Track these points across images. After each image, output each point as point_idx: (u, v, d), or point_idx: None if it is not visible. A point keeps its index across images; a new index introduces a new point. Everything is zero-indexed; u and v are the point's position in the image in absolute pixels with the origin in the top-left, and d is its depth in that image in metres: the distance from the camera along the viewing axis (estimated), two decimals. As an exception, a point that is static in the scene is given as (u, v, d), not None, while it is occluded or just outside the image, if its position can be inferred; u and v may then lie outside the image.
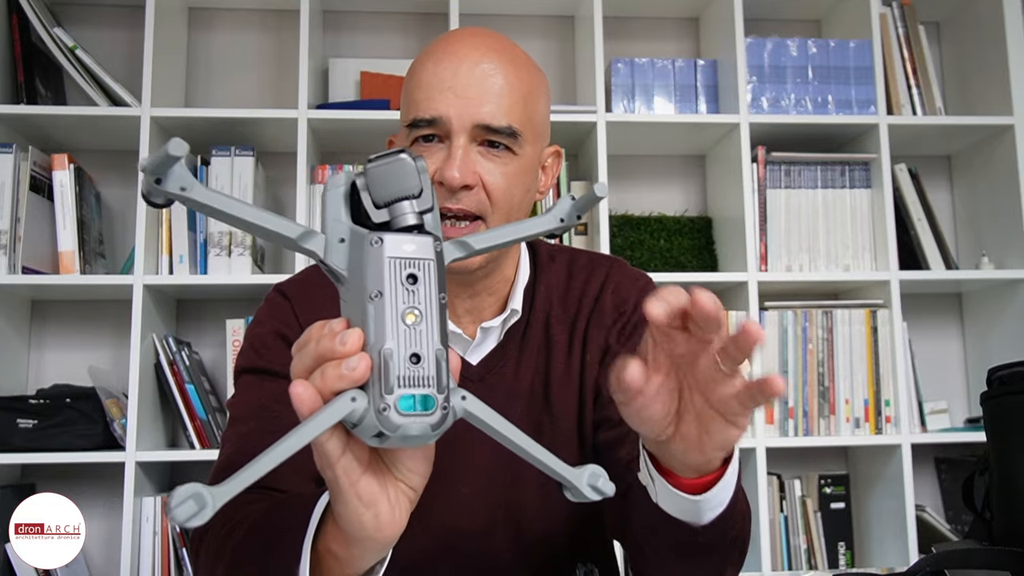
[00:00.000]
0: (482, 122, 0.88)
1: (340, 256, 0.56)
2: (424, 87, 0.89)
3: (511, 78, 0.90)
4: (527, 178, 0.93)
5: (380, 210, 0.55)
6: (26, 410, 1.90)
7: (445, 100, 0.88)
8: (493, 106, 0.88)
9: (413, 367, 0.52)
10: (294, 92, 2.06)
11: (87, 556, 2.06)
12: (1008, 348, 2.20)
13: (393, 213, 0.55)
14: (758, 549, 2.00)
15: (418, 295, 0.53)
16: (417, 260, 0.54)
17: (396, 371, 0.52)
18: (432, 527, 0.94)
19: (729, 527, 0.73)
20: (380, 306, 0.52)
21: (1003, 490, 0.86)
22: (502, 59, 0.90)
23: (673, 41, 2.44)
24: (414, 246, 0.54)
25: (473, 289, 0.96)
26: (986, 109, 2.26)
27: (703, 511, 0.69)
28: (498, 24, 2.36)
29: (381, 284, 0.53)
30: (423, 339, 0.53)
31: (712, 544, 0.73)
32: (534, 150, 0.93)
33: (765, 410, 2.06)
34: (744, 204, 2.09)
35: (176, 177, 0.50)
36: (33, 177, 1.96)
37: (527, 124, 0.91)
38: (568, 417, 0.97)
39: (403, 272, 0.53)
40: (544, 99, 0.96)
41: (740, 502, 0.74)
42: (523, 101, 0.90)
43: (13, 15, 2.07)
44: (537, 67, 0.96)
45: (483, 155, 0.89)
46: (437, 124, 0.88)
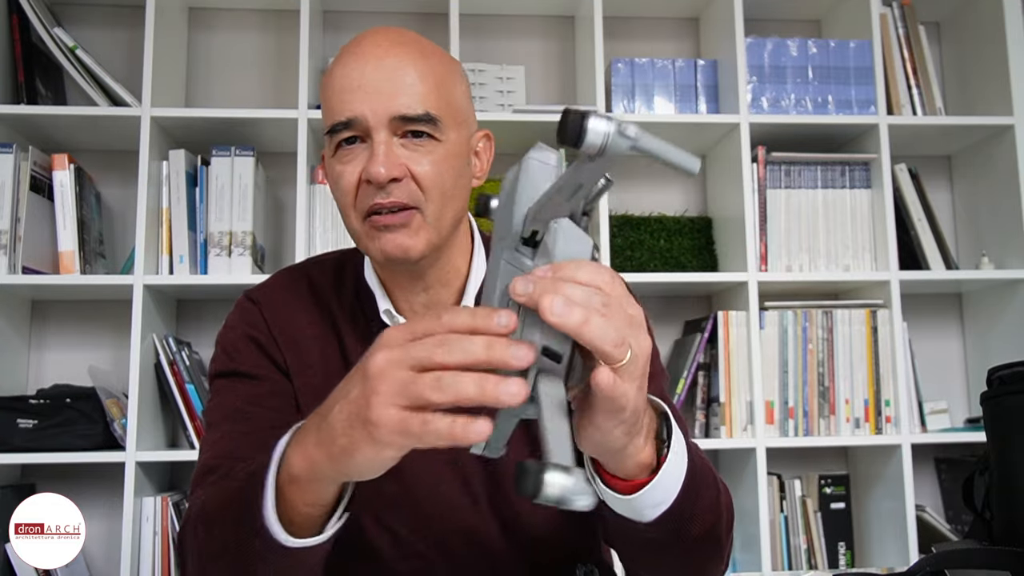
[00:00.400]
0: (398, 113, 0.87)
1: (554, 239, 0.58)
2: (336, 91, 0.89)
3: (420, 67, 0.89)
4: (456, 163, 0.92)
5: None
6: (26, 410, 1.91)
7: (357, 99, 0.87)
8: (406, 96, 0.88)
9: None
10: (294, 92, 2.06)
11: (87, 556, 2.06)
12: (1008, 348, 2.20)
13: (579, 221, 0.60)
14: (758, 549, 2.00)
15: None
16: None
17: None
18: (422, 528, 0.94)
19: (684, 525, 0.74)
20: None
21: (1003, 490, 0.86)
22: (409, 51, 0.90)
23: (673, 41, 2.44)
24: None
25: (425, 282, 0.96)
26: (986, 109, 2.26)
27: (641, 509, 0.71)
28: (498, 24, 2.37)
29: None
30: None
31: (665, 541, 0.75)
32: (459, 135, 0.93)
33: (765, 410, 2.06)
34: (744, 204, 2.09)
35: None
36: (33, 177, 1.96)
37: (445, 109, 0.90)
38: None
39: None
40: (461, 84, 0.96)
41: (699, 503, 0.75)
42: (436, 87, 0.90)
43: (13, 15, 2.07)
44: (448, 55, 0.96)
45: (406, 146, 0.89)
46: (354, 124, 0.88)
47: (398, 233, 0.89)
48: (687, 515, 0.74)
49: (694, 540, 0.77)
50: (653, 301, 2.31)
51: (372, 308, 0.98)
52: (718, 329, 2.08)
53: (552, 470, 0.52)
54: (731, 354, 2.07)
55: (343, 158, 0.90)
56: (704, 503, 0.77)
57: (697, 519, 0.76)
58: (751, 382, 2.04)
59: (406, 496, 0.93)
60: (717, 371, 2.08)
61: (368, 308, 0.98)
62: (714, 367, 2.11)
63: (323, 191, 2.08)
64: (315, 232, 2.05)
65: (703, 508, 0.76)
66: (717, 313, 2.09)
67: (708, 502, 0.78)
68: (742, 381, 2.06)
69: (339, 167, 0.90)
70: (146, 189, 1.98)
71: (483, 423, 0.54)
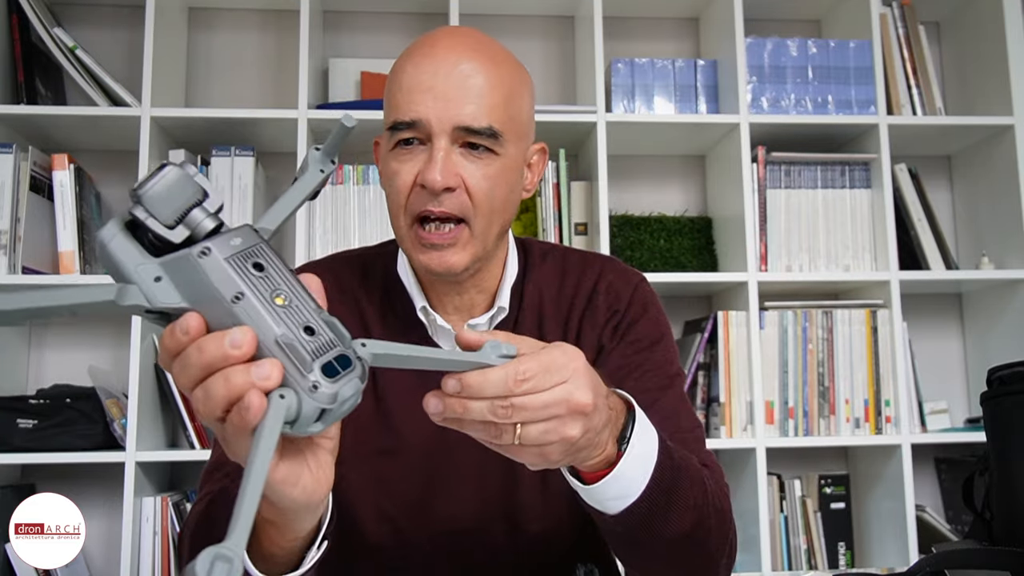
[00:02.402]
0: (462, 124, 0.87)
1: (168, 292, 0.52)
2: (404, 90, 0.89)
3: (491, 78, 0.89)
4: (510, 177, 0.93)
5: (175, 229, 0.53)
6: (26, 410, 1.90)
7: (425, 103, 0.88)
8: (473, 107, 0.88)
9: (312, 338, 0.52)
10: (294, 92, 2.06)
11: (87, 556, 2.06)
12: (1008, 348, 2.20)
13: (190, 225, 0.53)
14: (758, 549, 2.00)
15: (272, 278, 0.53)
16: (250, 248, 0.53)
17: (303, 347, 0.51)
18: (430, 527, 0.94)
19: (657, 522, 0.74)
20: (248, 303, 0.51)
21: (1003, 490, 0.86)
22: (482, 59, 0.90)
23: (673, 41, 2.44)
24: (239, 239, 0.53)
25: (462, 287, 0.97)
26: (986, 109, 2.26)
27: (604, 500, 0.72)
28: (498, 24, 2.36)
29: (236, 285, 0.51)
30: (304, 312, 0.52)
31: (636, 537, 0.75)
32: (517, 149, 0.93)
33: (765, 410, 2.06)
34: (744, 204, 2.09)
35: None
36: (33, 177, 1.96)
37: (508, 124, 0.90)
38: None
39: (247, 264, 0.52)
40: (527, 97, 0.96)
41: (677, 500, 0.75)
42: (504, 101, 0.90)
43: (13, 15, 2.07)
44: (519, 64, 0.96)
45: (464, 156, 0.89)
46: (417, 127, 0.88)
47: (445, 252, 0.89)
48: (659, 511, 0.73)
49: (671, 539, 0.76)
50: (653, 301, 2.30)
51: (404, 305, 0.98)
52: (718, 329, 2.08)
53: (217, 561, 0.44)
54: (731, 354, 2.07)
55: (400, 156, 0.90)
56: (682, 502, 0.76)
57: (674, 518, 0.75)
58: (751, 382, 2.04)
59: (414, 492, 0.94)
60: (717, 371, 2.08)
61: (400, 305, 0.98)
62: (714, 367, 2.11)
63: (324, 191, 2.07)
64: (315, 232, 2.05)
65: (681, 507, 0.76)
66: (717, 313, 2.09)
67: (689, 501, 0.77)
68: (742, 381, 2.06)
69: (395, 165, 0.91)
70: (146, 189, 1.97)
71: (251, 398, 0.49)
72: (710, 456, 0.92)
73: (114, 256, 0.53)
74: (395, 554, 0.95)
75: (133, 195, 0.53)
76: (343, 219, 2.08)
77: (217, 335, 0.51)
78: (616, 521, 0.73)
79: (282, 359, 0.51)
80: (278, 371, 0.50)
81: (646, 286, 1.04)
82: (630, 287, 1.02)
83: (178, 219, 0.53)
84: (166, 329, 0.53)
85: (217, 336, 0.51)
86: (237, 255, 0.52)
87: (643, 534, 0.75)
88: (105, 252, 0.53)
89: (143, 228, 0.53)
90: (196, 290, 0.52)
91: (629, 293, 1.01)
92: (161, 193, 0.52)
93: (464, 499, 0.94)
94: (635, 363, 0.96)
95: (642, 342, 0.98)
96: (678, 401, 0.95)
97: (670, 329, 1.03)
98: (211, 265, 0.51)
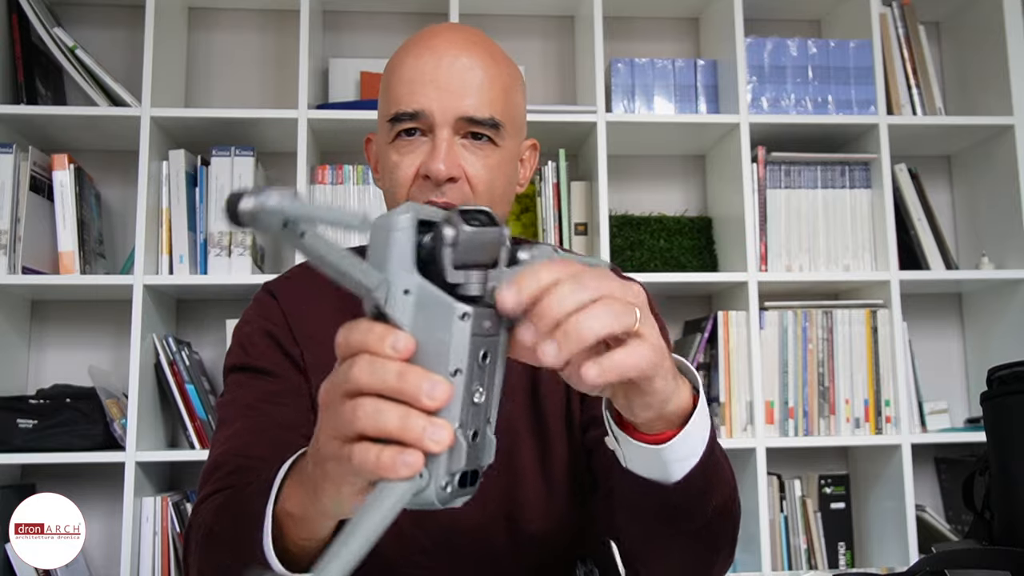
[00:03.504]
0: (465, 114, 0.89)
1: (404, 310, 0.51)
2: (405, 82, 0.90)
3: (491, 71, 0.91)
4: (508, 169, 0.94)
5: (457, 271, 0.51)
6: (26, 410, 1.90)
7: (427, 94, 0.89)
8: (475, 99, 0.89)
9: (472, 445, 0.51)
10: (294, 92, 2.06)
11: (87, 556, 2.06)
12: (1008, 348, 2.20)
13: (467, 279, 0.52)
14: (758, 549, 2.00)
15: (486, 372, 0.51)
16: (491, 337, 0.51)
17: (463, 451, 0.50)
18: (430, 527, 0.94)
19: (706, 491, 0.71)
20: (458, 384, 0.50)
21: (1003, 490, 0.86)
22: (481, 53, 0.92)
23: (673, 41, 2.44)
24: (490, 322, 0.51)
25: None
26: (986, 109, 2.26)
27: (669, 464, 0.67)
28: (498, 24, 2.37)
29: (463, 361, 0.50)
30: (481, 416, 0.52)
31: (690, 508, 0.71)
32: (514, 143, 0.95)
33: (765, 410, 2.06)
34: (744, 204, 2.09)
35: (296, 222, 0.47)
36: (33, 177, 1.96)
37: (507, 116, 0.92)
38: (556, 416, 0.97)
39: (480, 350, 0.51)
40: (521, 93, 0.98)
41: (720, 471, 0.73)
42: (503, 94, 0.92)
43: (13, 15, 2.07)
44: (512, 62, 0.98)
45: (466, 147, 0.90)
46: (420, 117, 0.89)
47: None
48: (711, 478, 0.70)
49: (713, 511, 0.74)
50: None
51: None
52: (718, 329, 2.08)
53: None
54: (731, 354, 2.07)
55: (401, 148, 0.91)
56: (724, 472, 0.74)
57: (716, 488, 0.73)
58: (751, 382, 2.04)
59: None
60: (717, 371, 2.08)
61: None
62: (714, 367, 2.11)
63: (323, 191, 2.08)
64: (315, 232, 2.05)
65: (723, 478, 0.74)
66: (717, 313, 2.09)
67: (726, 473, 0.75)
68: (742, 381, 2.06)
69: (396, 157, 0.91)
70: (146, 189, 1.98)
71: (413, 455, 0.48)
72: None
73: (390, 243, 0.51)
74: (396, 554, 0.95)
75: (454, 219, 0.51)
76: (343, 219, 2.07)
77: (425, 373, 0.49)
78: (675, 491, 0.68)
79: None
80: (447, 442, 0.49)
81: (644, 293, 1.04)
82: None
83: (463, 265, 0.51)
84: (372, 324, 0.51)
85: (424, 375, 0.49)
86: (479, 337, 0.50)
87: (696, 504, 0.71)
88: (381, 234, 0.51)
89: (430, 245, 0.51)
90: (428, 333, 0.50)
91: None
92: (477, 239, 0.52)
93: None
94: None
95: None
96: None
97: (667, 334, 1.03)
98: (459, 331, 0.50)
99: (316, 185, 2.07)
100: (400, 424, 0.48)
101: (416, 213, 0.51)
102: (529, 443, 0.96)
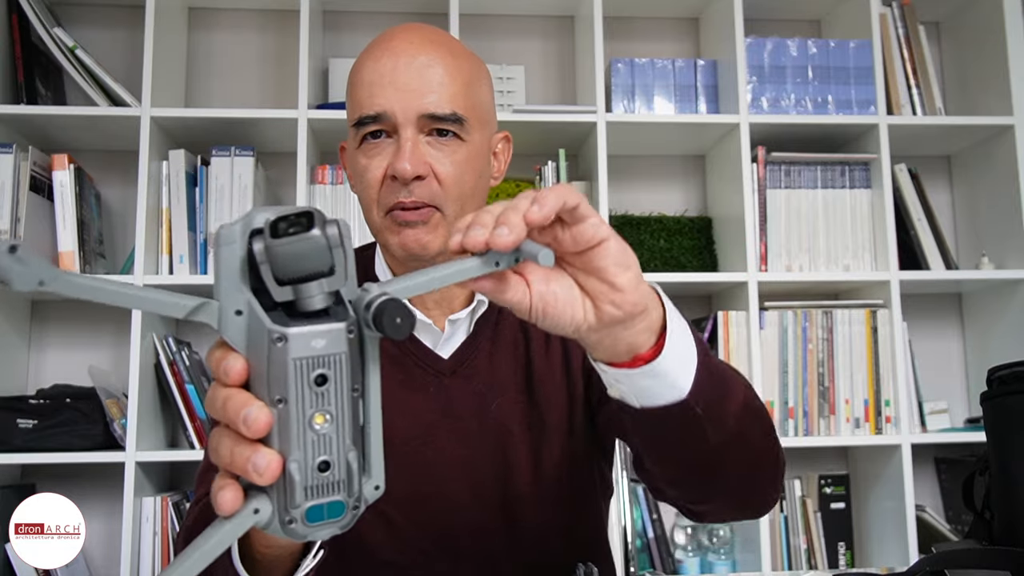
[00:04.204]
0: (427, 111, 0.89)
1: (237, 331, 0.48)
2: (366, 85, 0.91)
3: (450, 67, 0.91)
4: (478, 164, 0.94)
5: (283, 287, 0.47)
6: (26, 410, 1.90)
7: (387, 95, 0.89)
8: (436, 95, 0.89)
9: (321, 476, 0.47)
10: (294, 92, 2.06)
11: (87, 556, 2.06)
12: (1008, 348, 2.20)
13: (300, 293, 0.47)
14: (758, 549, 2.00)
15: (328, 396, 0.47)
16: (327, 356, 0.46)
17: (303, 483, 0.47)
18: (427, 527, 0.94)
19: (723, 391, 0.69)
20: (285, 413, 0.46)
21: (1003, 490, 0.86)
22: (439, 50, 0.92)
23: (673, 41, 2.44)
24: (324, 341, 0.46)
25: None
26: (986, 109, 2.26)
27: (672, 376, 0.65)
28: (498, 24, 2.37)
29: (285, 390, 0.46)
30: (333, 444, 0.47)
31: (715, 415, 0.68)
32: (482, 136, 0.95)
33: (765, 410, 2.06)
34: (744, 204, 2.09)
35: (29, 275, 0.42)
36: (33, 177, 1.96)
37: (471, 110, 0.92)
38: (557, 409, 0.97)
39: (311, 374, 0.46)
40: (486, 86, 0.98)
41: (725, 369, 0.71)
42: (465, 88, 0.92)
43: (13, 15, 2.07)
44: (475, 56, 0.98)
45: (431, 145, 0.90)
46: (382, 119, 0.90)
47: (418, 230, 0.90)
48: (720, 376, 0.69)
49: (739, 410, 0.71)
50: (653, 301, 2.30)
51: None
52: (718, 329, 2.08)
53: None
54: (731, 354, 2.07)
55: (368, 152, 0.91)
56: (729, 370, 0.73)
57: (732, 386, 0.71)
58: (751, 382, 2.04)
59: (413, 493, 0.93)
60: (717, 371, 2.08)
61: None
62: (714, 367, 2.10)
63: (323, 191, 2.08)
64: (315, 232, 2.05)
65: (731, 374, 0.72)
66: (717, 313, 2.09)
67: (732, 371, 0.74)
68: (742, 381, 2.05)
69: (364, 160, 0.92)
70: (146, 189, 1.98)
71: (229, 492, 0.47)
72: None
73: (219, 261, 0.48)
74: (394, 556, 0.95)
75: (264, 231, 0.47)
76: (343, 219, 2.07)
77: (247, 400, 0.47)
78: (694, 398, 0.66)
79: (278, 481, 0.47)
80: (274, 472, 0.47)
81: None
82: None
83: (291, 280, 0.47)
84: (214, 350, 0.49)
85: (245, 402, 0.47)
86: (309, 359, 0.46)
87: (718, 408, 0.69)
88: (216, 252, 0.49)
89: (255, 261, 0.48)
90: (256, 355, 0.47)
91: None
92: (289, 252, 0.47)
93: (457, 492, 0.94)
94: None
95: None
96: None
97: None
98: (277, 355, 0.46)
99: (316, 185, 2.07)
100: (229, 456, 0.48)
101: (247, 222, 0.48)
102: (524, 439, 0.96)
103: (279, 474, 0.46)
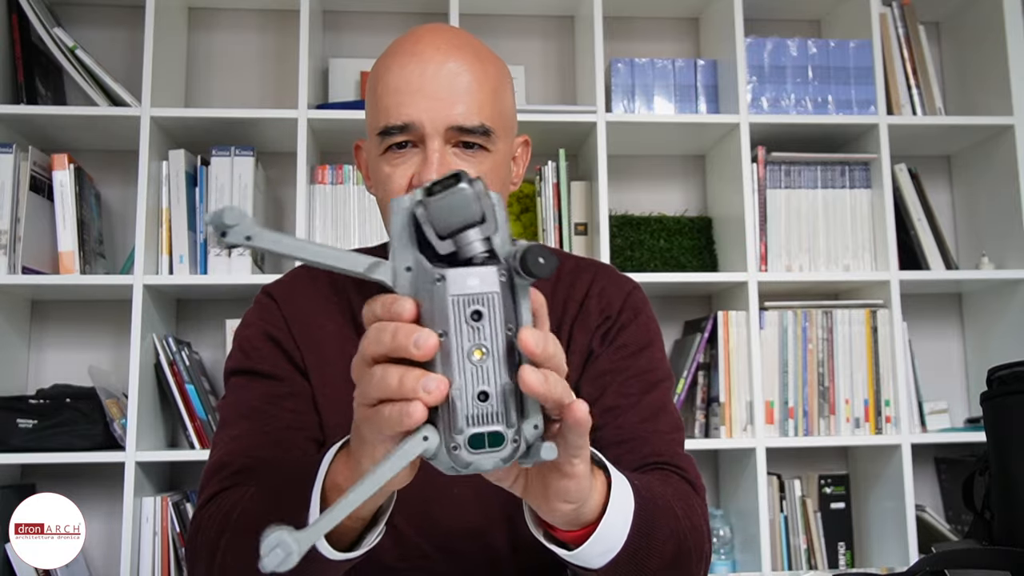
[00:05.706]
0: (455, 123, 0.87)
1: (407, 284, 0.55)
2: (392, 92, 0.88)
3: (478, 74, 0.89)
4: (502, 172, 0.93)
5: (444, 241, 0.54)
6: (26, 410, 1.90)
7: (415, 104, 0.87)
8: (464, 106, 0.87)
9: (481, 405, 0.52)
10: (294, 92, 2.06)
11: (87, 556, 2.06)
12: (1008, 348, 2.20)
13: (459, 243, 0.54)
14: (758, 549, 2.00)
15: (483, 331, 0.53)
16: (482, 295, 0.53)
17: (464, 410, 0.52)
18: (427, 528, 0.94)
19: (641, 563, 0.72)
20: (447, 345, 0.52)
21: (1003, 490, 0.86)
22: (467, 56, 0.90)
23: (673, 41, 2.44)
24: (478, 280, 0.53)
25: None
26: (986, 109, 2.26)
27: (589, 559, 0.70)
28: (498, 24, 2.37)
29: (446, 324, 0.52)
30: (490, 376, 0.53)
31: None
32: (506, 145, 0.94)
33: (765, 410, 2.06)
34: (744, 204, 2.09)
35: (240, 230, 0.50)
36: (33, 177, 1.96)
37: (498, 119, 0.90)
38: None
39: (467, 310, 0.52)
40: (510, 90, 0.96)
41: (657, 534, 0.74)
42: (492, 96, 0.90)
43: (13, 15, 2.07)
44: (499, 59, 0.96)
45: (458, 156, 0.89)
46: (410, 130, 0.88)
47: None
48: (642, 553, 0.72)
49: (655, 572, 0.75)
50: (653, 301, 2.28)
51: None
52: (718, 329, 2.08)
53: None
54: (731, 354, 2.07)
55: (392, 160, 0.90)
56: (661, 535, 0.75)
57: (655, 553, 0.74)
58: (751, 382, 2.04)
59: (415, 496, 0.93)
60: (717, 371, 2.08)
61: None
62: (714, 367, 2.11)
63: (323, 191, 2.08)
64: (315, 232, 2.05)
65: (660, 540, 0.75)
66: (717, 313, 2.09)
67: (666, 532, 0.76)
68: (742, 381, 2.06)
69: (388, 169, 0.90)
70: (146, 189, 1.98)
71: (414, 406, 0.51)
72: (687, 460, 0.91)
73: (393, 226, 0.55)
74: (397, 560, 0.94)
75: (419, 195, 0.54)
76: (343, 219, 2.08)
77: (415, 328, 0.52)
78: (603, 573, 0.72)
79: (444, 407, 0.53)
80: (442, 391, 0.51)
81: (639, 293, 1.04)
82: (623, 293, 1.02)
83: (450, 233, 0.53)
84: (381, 296, 0.55)
85: (414, 328, 0.52)
86: (465, 296, 0.52)
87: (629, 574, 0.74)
88: (391, 217, 0.55)
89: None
90: (421, 298, 0.54)
91: (621, 299, 1.01)
92: (444, 207, 0.53)
93: (464, 502, 0.94)
94: (620, 368, 0.96)
95: (629, 347, 0.98)
96: (660, 404, 0.95)
97: (660, 336, 1.03)
98: (437, 293, 0.52)
99: (316, 185, 2.07)
100: (399, 383, 0.52)
101: (413, 195, 0.55)
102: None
103: (446, 394, 0.52)
